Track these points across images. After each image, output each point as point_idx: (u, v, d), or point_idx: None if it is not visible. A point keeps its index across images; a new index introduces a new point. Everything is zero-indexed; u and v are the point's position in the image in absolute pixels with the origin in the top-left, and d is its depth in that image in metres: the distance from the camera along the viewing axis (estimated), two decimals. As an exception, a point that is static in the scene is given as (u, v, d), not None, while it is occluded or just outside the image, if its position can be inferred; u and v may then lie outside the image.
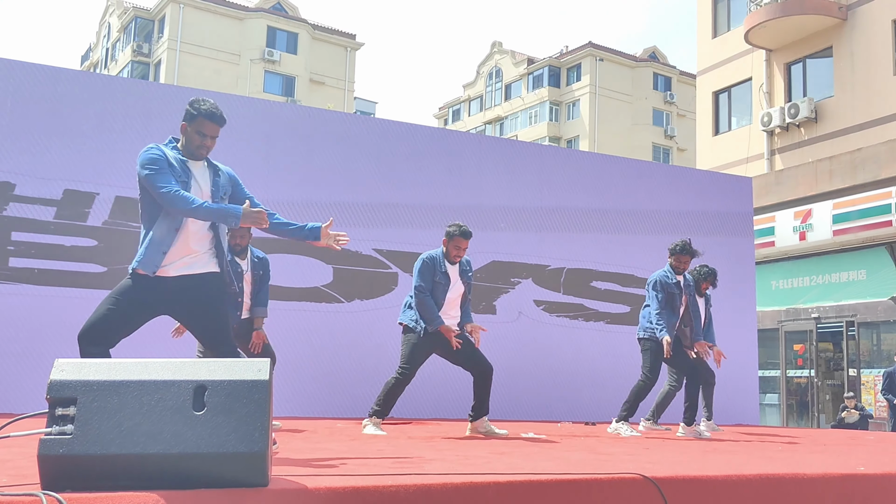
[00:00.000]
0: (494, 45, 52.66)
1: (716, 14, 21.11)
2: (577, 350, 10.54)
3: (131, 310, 3.86)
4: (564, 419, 9.79)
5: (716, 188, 12.05)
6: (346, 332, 9.36)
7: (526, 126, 48.23)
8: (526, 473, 3.09)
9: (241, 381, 2.71)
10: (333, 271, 9.57)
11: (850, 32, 17.46)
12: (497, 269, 10.32)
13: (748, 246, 12.03)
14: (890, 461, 4.41)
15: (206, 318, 3.93)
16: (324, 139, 9.68)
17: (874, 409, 14.99)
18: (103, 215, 8.59)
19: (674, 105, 46.82)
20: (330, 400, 9.12)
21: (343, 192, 9.63)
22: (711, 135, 20.78)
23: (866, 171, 15.68)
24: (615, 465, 3.73)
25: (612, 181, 11.20)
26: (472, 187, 10.26)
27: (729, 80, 20.33)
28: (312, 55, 41.69)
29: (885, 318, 15.44)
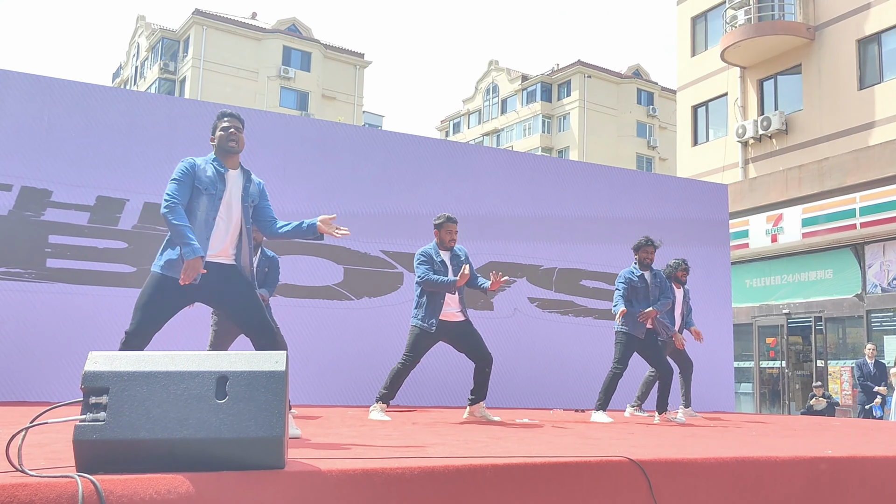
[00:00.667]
0: (491, 63, 52.65)
1: (694, 34, 21.10)
2: (568, 343, 10.54)
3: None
4: (556, 406, 9.79)
5: (695, 195, 12.04)
6: (355, 327, 9.37)
7: (520, 138, 48.21)
8: (521, 456, 3.09)
9: (259, 372, 2.71)
10: (344, 271, 9.57)
11: (817, 51, 17.45)
12: (494, 268, 10.30)
13: (724, 247, 12.02)
14: (854, 444, 4.40)
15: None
16: (335, 150, 9.69)
17: (840, 397, 14.97)
18: (133, 220, 8.60)
19: (656, 118, 46.79)
20: (341, 389, 9.13)
21: (352, 197, 9.63)
22: (690, 145, 20.75)
23: (833, 178, 15.66)
24: (602, 448, 3.72)
25: (599, 188, 11.20)
26: (471, 193, 10.26)
27: (706, 95, 20.31)
28: (324, 72, 41.69)
29: (850, 314, 15.42)
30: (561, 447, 3.70)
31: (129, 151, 8.62)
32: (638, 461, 3.11)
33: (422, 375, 8.53)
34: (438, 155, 10.35)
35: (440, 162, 10.26)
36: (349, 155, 9.74)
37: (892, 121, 15.54)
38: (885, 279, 14.81)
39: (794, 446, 4.09)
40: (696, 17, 21.03)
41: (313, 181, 9.37)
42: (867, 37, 16.46)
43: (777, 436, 5.17)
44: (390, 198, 9.78)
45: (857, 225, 14.79)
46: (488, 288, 6.03)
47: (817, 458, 3.51)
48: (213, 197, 3.93)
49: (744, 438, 4.79)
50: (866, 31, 16.43)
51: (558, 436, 4.56)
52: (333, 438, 4.00)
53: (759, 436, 5.14)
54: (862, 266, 15.19)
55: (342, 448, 3.41)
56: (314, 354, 9.09)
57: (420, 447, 3.51)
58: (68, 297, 8.20)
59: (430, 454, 3.20)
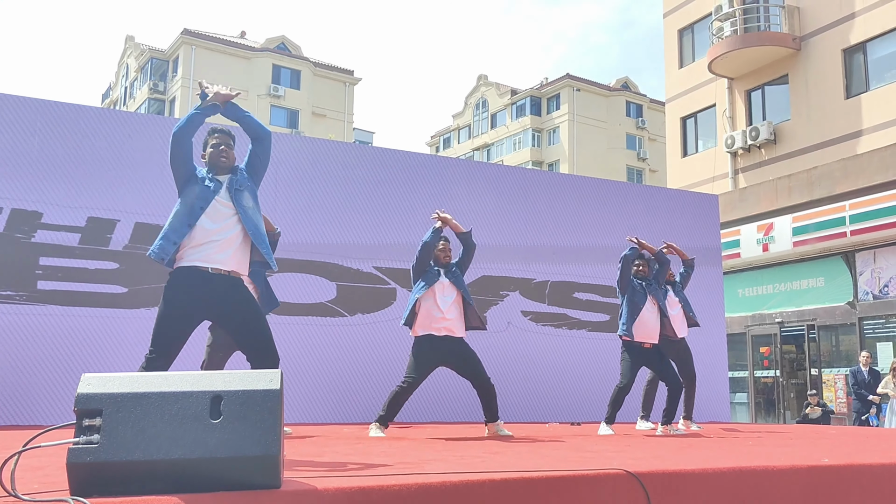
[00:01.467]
0: (480, 78, 52.87)
1: (682, 47, 21.24)
2: (562, 356, 10.52)
3: None
4: (552, 420, 9.76)
5: (686, 205, 12.08)
6: (349, 344, 9.33)
7: (511, 152, 48.35)
8: (518, 471, 3.07)
9: (254, 391, 2.69)
10: (337, 288, 9.55)
11: (804, 61, 17.58)
12: (487, 283, 10.31)
13: (716, 258, 12.05)
14: (851, 453, 4.40)
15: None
16: (326, 167, 9.69)
17: (835, 405, 14.98)
18: (124, 240, 8.57)
19: (645, 130, 47.02)
20: (336, 406, 9.09)
21: (344, 215, 9.63)
22: (680, 157, 20.85)
23: (822, 187, 15.74)
24: (600, 461, 3.71)
25: (591, 200, 11.22)
26: (462, 208, 10.26)
27: (695, 107, 20.43)
28: (314, 90, 41.78)
29: (843, 322, 15.47)
30: (558, 461, 3.68)
31: (120, 172, 8.60)
32: (636, 473, 3.10)
33: (418, 391, 8.50)
34: (430, 170, 10.36)
35: (432, 177, 10.27)
36: (340, 172, 9.74)
37: (879, 129, 15.65)
38: (877, 286, 14.87)
39: (791, 455, 4.08)
40: (682, 29, 21.18)
41: (304, 199, 9.37)
42: (852, 46, 16.60)
43: (774, 445, 5.16)
44: (383, 214, 9.78)
45: (848, 233, 14.86)
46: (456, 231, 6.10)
47: (814, 466, 3.51)
48: (194, 207, 3.96)
49: (741, 448, 4.78)
50: (851, 41, 16.57)
51: (555, 449, 4.54)
52: (330, 457, 3.97)
53: (755, 445, 5.13)
54: (853, 274, 15.25)
55: (338, 466, 3.39)
56: (308, 372, 9.05)
57: (416, 464, 3.49)
58: (60, 318, 8.15)
59: (426, 470, 3.18)
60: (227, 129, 4.16)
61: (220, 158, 4.05)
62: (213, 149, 4.07)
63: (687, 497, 3.16)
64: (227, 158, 4.06)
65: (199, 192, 3.93)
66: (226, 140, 4.11)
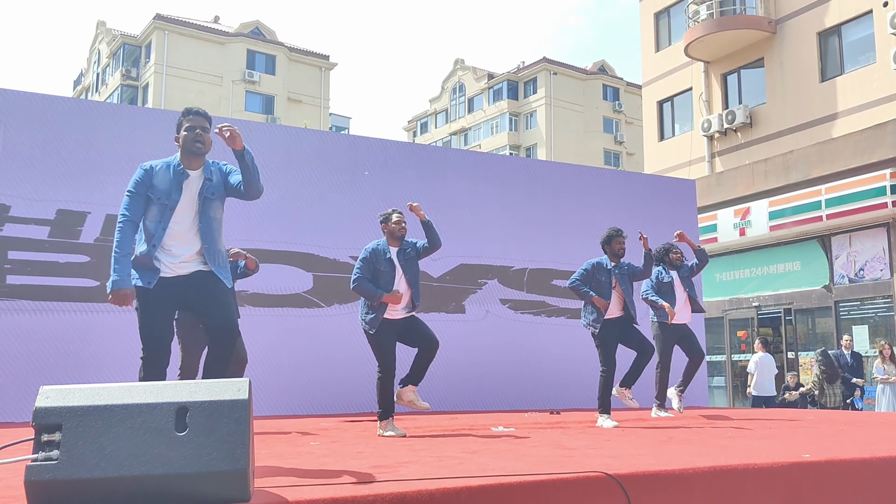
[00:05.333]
0: (457, 62, 52.61)
1: (658, 30, 21.18)
2: (541, 344, 10.49)
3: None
4: (531, 408, 9.74)
5: (663, 191, 12.07)
6: (326, 335, 9.24)
7: (488, 136, 48.23)
8: (496, 475, 3.00)
9: (221, 402, 2.59)
10: (313, 278, 9.44)
11: (779, 45, 17.59)
12: (465, 271, 10.24)
13: (694, 241, 12.02)
14: (830, 446, 4.38)
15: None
16: (301, 155, 9.55)
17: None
18: (95, 233, 8.40)
19: (622, 114, 47.05)
20: (314, 398, 9.01)
21: (320, 203, 9.50)
22: (657, 140, 20.84)
23: (798, 171, 15.79)
24: (579, 461, 3.65)
25: (569, 187, 11.17)
26: (439, 196, 10.17)
27: (671, 90, 20.41)
28: (290, 75, 41.34)
29: (819, 305, 15.57)
30: (538, 461, 3.61)
31: (89, 163, 8.42)
32: (615, 476, 3.04)
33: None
34: (407, 158, 10.25)
35: (409, 165, 10.16)
36: (316, 160, 9.61)
37: (853, 112, 15.71)
38: (852, 270, 14.97)
39: (772, 450, 4.05)
40: (658, 12, 21.11)
41: (280, 189, 9.23)
42: (827, 29, 16.61)
43: (754, 437, 5.14)
44: (359, 202, 9.66)
45: (824, 217, 14.93)
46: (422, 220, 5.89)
47: (795, 463, 3.47)
48: (164, 207, 3.77)
49: (721, 442, 4.75)
50: (826, 24, 16.58)
51: (534, 447, 4.48)
52: (303, 459, 3.88)
53: (734, 438, 5.11)
54: (829, 257, 15.34)
55: (311, 472, 3.30)
56: (285, 364, 8.94)
57: (392, 467, 3.41)
58: (30, 314, 7.98)
59: (401, 475, 3.10)
60: (204, 112, 3.89)
61: (196, 144, 3.80)
62: (187, 132, 3.80)
63: (667, 499, 3.11)
64: (202, 143, 3.81)
65: (157, 213, 3.77)
66: (202, 123, 3.83)
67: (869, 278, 14.65)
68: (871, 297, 14.65)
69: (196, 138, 3.79)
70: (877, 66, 15.40)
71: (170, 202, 3.78)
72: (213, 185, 3.87)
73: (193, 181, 3.84)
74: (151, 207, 3.78)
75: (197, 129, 3.80)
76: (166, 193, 3.77)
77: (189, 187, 3.82)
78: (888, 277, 14.27)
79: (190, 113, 3.87)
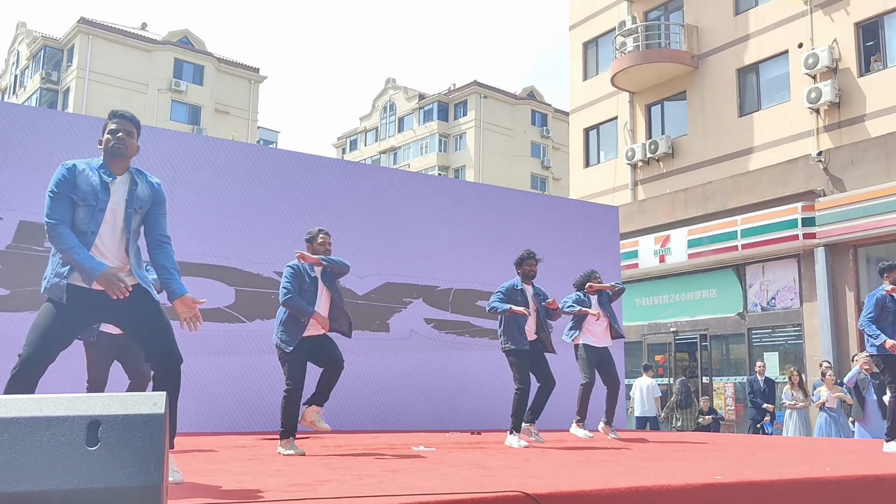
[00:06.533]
0: (388, 81, 52.77)
1: (586, 59, 21.71)
2: (464, 364, 10.54)
3: None
4: (452, 428, 9.75)
5: (587, 216, 12.32)
6: (248, 351, 9.07)
7: (417, 156, 48.43)
8: (416, 494, 3.00)
9: (136, 416, 2.52)
10: (235, 293, 9.27)
11: (700, 79, 18.24)
12: (390, 290, 10.23)
13: (615, 267, 12.32)
14: (741, 468, 4.53)
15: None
16: (228, 168, 9.40)
17: (724, 412, 15.57)
18: (7, 239, 8.08)
19: (550, 139, 47.94)
20: (234, 415, 8.81)
21: (246, 217, 9.36)
22: (583, 167, 21.30)
23: (716, 201, 16.35)
24: (499, 480, 3.67)
25: (495, 209, 11.30)
26: (367, 213, 10.16)
27: (598, 119, 20.91)
28: (218, 86, 40.70)
29: (733, 332, 16.10)
30: (457, 480, 3.62)
31: (2, 168, 8.10)
32: (535, 495, 3.07)
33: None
34: (336, 174, 10.20)
35: (338, 181, 10.11)
36: (243, 173, 9.47)
37: (769, 147, 16.38)
38: (765, 298, 15.54)
39: (686, 472, 4.16)
40: (587, 42, 21.65)
41: (203, 201, 9.06)
42: (746, 67, 17.33)
43: (668, 459, 5.26)
44: (286, 218, 9.55)
45: (739, 246, 15.48)
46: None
47: (708, 484, 3.57)
48: (92, 209, 3.60)
49: (637, 463, 4.85)
50: (745, 62, 17.30)
51: (454, 466, 4.49)
52: (220, 477, 3.80)
53: (650, 459, 5.22)
54: (743, 286, 15.90)
55: (227, 491, 3.23)
56: (204, 380, 8.74)
57: (310, 486, 3.37)
58: (-69, 323, 7.60)
59: (320, 494, 3.07)
60: (131, 116, 3.78)
61: (116, 146, 3.68)
62: (110, 135, 3.69)
63: (585, 518, 3.16)
64: (123, 146, 3.69)
65: (84, 216, 3.61)
66: (126, 126, 3.73)
67: (780, 307, 15.23)
68: (782, 325, 15.23)
69: (118, 140, 3.69)
70: (791, 104, 16.13)
71: (98, 203, 3.62)
72: (141, 198, 3.76)
73: (119, 185, 3.71)
74: (78, 210, 3.60)
75: (120, 132, 3.70)
76: (92, 194, 3.61)
77: (116, 190, 3.69)
78: (798, 307, 14.87)
79: (116, 116, 3.76)
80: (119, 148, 3.69)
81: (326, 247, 5.90)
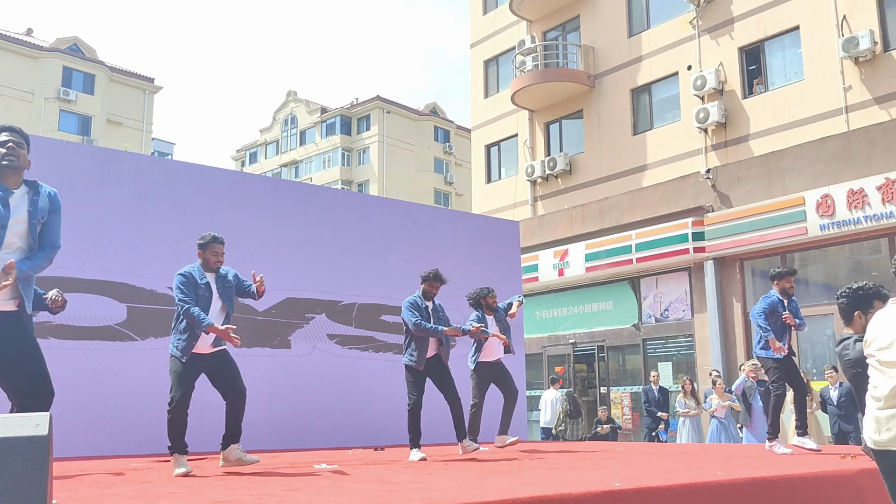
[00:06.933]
0: (290, 93, 52.17)
1: (487, 77, 22.06)
2: (368, 380, 10.44)
3: None
4: (356, 445, 9.63)
5: (489, 231, 12.47)
6: (140, 370, 8.71)
7: (320, 170, 48.00)
8: (318, 512, 2.93)
9: (16, 438, 2.37)
10: (127, 309, 8.91)
11: (597, 98, 18.81)
12: (292, 305, 10.04)
13: (516, 280, 12.50)
14: (638, 475, 4.64)
15: None
16: (120, 179, 9.04)
17: (622, 421, 15.99)
18: None
19: (452, 155, 48.40)
20: (126, 437, 8.43)
21: (139, 230, 9.02)
22: (484, 182, 21.58)
23: (612, 216, 16.85)
24: (403, 495, 3.64)
25: (399, 223, 11.28)
26: (268, 227, 9.96)
27: (499, 136, 21.25)
28: (110, 96, 39.25)
29: (629, 343, 16.58)
30: (360, 497, 3.57)
31: None
32: (438, 508, 3.05)
33: (214, 418, 8.08)
34: (234, 186, 9.97)
35: (236, 194, 9.88)
36: (136, 186, 9.13)
37: (661, 164, 17.01)
38: (658, 310, 16.09)
39: (586, 480, 4.23)
40: (488, 60, 22.01)
41: (94, 213, 8.68)
42: (639, 87, 17.98)
43: (569, 468, 5.34)
44: (180, 231, 9.25)
45: (634, 260, 15.98)
46: (256, 290, 5.75)
47: (607, 491, 3.64)
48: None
49: (539, 474, 4.90)
50: (639, 82, 17.94)
51: (357, 483, 4.42)
52: (109, 501, 3.62)
53: (552, 469, 5.29)
54: (638, 298, 16.41)
55: (118, 515, 3.07)
56: (94, 401, 8.34)
57: (208, 507, 3.25)
58: None
59: (218, 515, 2.96)
60: (19, 129, 3.67)
61: (7, 159, 3.57)
62: (1, 147, 3.59)
63: (488, 530, 3.16)
64: (15, 157, 3.59)
65: None
66: (15, 138, 3.63)
67: (673, 318, 15.79)
68: (675, 336, 15.79)
69: (8, 153, 3.58)
70: (682, 124, 16.82)
71: (0, 220, 3.50)
72: (43, 209, 3.68)
73: (19, 199, 3.60)
74: None
75: (9, 142, 3.60)
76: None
77: (17, 205, 3.58)
78: (689, 318, 15.45)
79: (4, 129, 3.65)
80: (12, 160, 3.60)
81: (219, 258, 5.72)
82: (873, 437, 2.97)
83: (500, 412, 8.04)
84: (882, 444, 2.93)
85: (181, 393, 5.39)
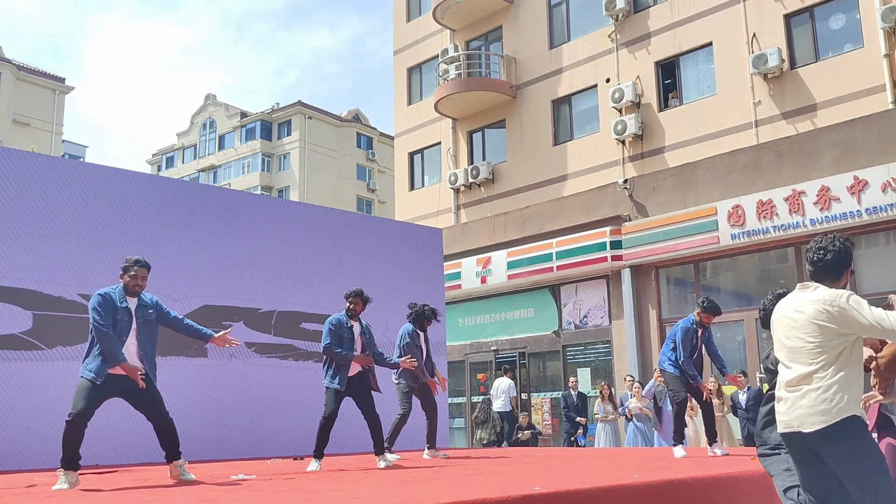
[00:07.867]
0: (208, 97, 51.14)
1: (410, 85, 22.08)
2: (287, 388, 10.27)
3: None
4: (275, 455, 9.45)
5: (413, 238, 12.46)
6: (47, 381, 8.34)
7: (239, 175, 47.16)
8: (234, 523, 2.85)
9: None
10: (33, 317, 8.53)
11: (519, 108, 19.04)
12: (208, 312, 9.79)
13: (439, 288, 12.52)
14: (558, 479, 4.68)
15: None
16: (26, 181, 8.65)
17: (542, 427, 16.16)
18: None
19: (375, 162, 48.27)
20: (28, 452, 8.04)
21: (45, 234, 8.65)
22: (408, 190, 21.56)
23: (533, 225, 17.05)
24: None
25: (321, 230, 11.16)
26: (183, 232, 9.70)
27: (422, 143, 21.28)
28: (17, 95, 37.68)
29: (549, 349, 16.78)
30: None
31: None
32: (358, 517, 3.01)
33: (125, 430, 7.80)
34: (148, 190, 9.67)
35: (150, 199, 9.59)
36: (44, 188, 8.76)
37: (581, 174, 17.33)
38: (578, 317, 16.35)
39: (507, 484, 4.24)
40: (412, 68, 22.03)
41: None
42: (560, 98, 18.29)
43: (490, 473, 5.36)
44: (91, 236, 8.92)
45: (554, 268, 16.19)
46: (212, 338, 5.63)
47: (528, 495, 3.66)
48: None
49: (461, 479, 4.90)
50: (559, 94, 18.25)
51: (276, 493, 4.33)
52: (10, 518, 3.43)
53: (473, 475, 5.29)
54: (558, 305, 16.64)
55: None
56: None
57: (117, 521, 3.12)
58: None
59: (128, 530, 2.84)
60: None
61: None
62: None
63: (409, 537, 3.13)
64: None
65: None
66: None
67: (591, 325, 16.07)
68: (594, 342, 16.07)
69: None
70: (600, 135, 17.18)
71: None
72: None
73: None
74: None
75: None
76: None
77: None
78: (607, 324, 15.75)
79: None
80: None
81: (138, 281, 5.50)
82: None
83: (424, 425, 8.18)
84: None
85: (84, 407, 5.18)
